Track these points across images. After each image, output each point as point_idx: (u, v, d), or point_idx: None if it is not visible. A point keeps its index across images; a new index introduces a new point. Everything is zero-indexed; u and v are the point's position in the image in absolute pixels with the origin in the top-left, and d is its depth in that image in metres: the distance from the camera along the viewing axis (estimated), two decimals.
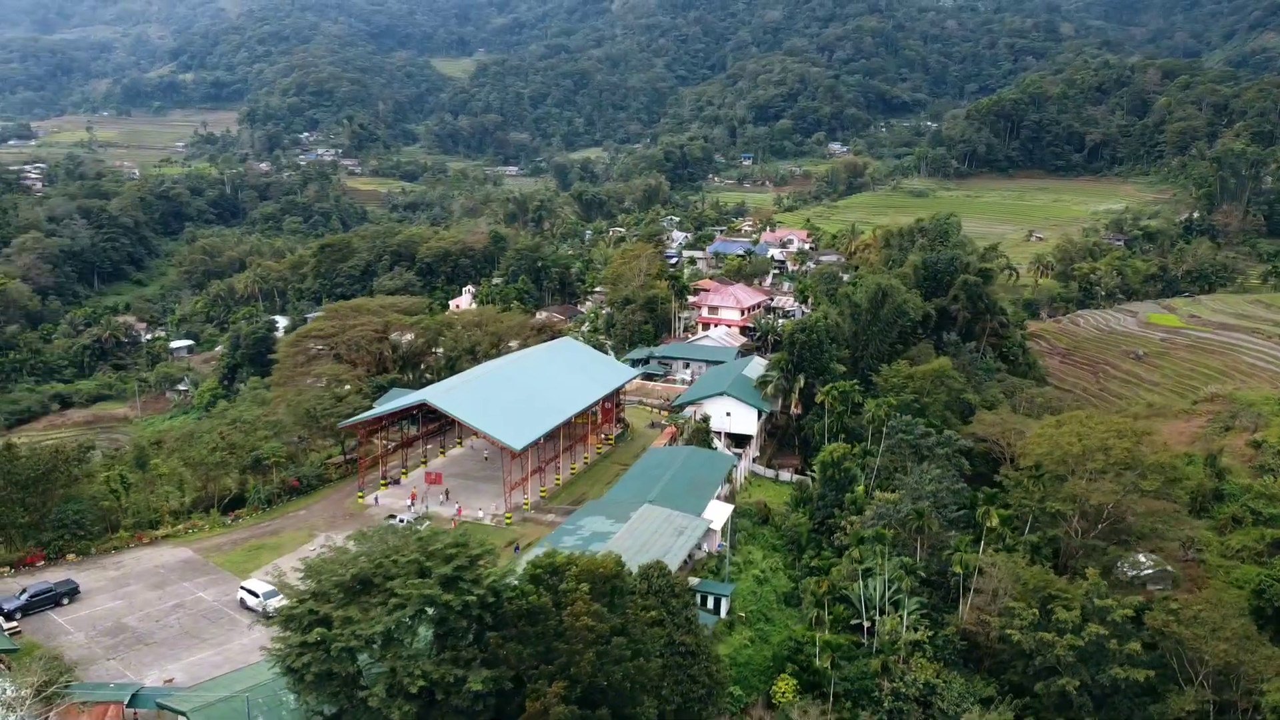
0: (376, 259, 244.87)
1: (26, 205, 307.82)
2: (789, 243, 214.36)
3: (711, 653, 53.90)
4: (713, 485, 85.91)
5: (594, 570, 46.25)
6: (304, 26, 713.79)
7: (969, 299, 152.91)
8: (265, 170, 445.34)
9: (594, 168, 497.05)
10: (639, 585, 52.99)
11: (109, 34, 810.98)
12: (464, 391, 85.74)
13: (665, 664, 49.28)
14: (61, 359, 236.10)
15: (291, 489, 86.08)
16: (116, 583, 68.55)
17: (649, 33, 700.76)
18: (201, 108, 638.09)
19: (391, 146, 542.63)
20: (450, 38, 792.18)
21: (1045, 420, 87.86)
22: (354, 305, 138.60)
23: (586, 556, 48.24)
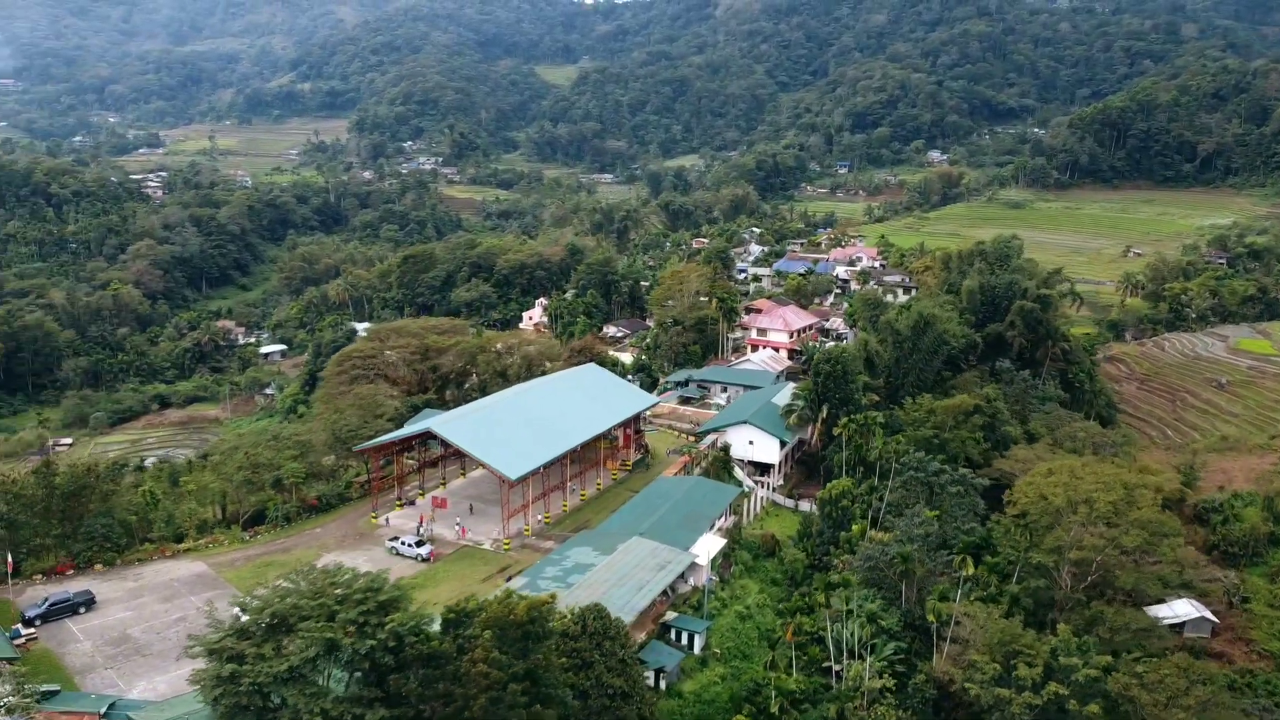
0: (457, 270, 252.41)
1: (144, 213, 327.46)
2: (857, 260, 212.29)
3: (645, 695, 55.64)
4: (709, 518, 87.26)
5: (503, 618, 48.62)
6: (415, 36, 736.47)
7: (1026, 325, 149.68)
8: (368, 178, 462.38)
9: (688, 176, 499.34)
10: (573, 628, 55.20)
11: (236, 45, 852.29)
12: (470, 419, 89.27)
13: (590, 707, 51.29)
14: (165, 361, 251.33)
15: (310, 507, 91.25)
16: (132, 594, 74.36)
17: (751, 39, 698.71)
18: (317, 116, 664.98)
19: (491, 154, 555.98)
20: (555, 45, 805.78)
21: (1037, 467, 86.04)
22: (394, 327, 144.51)
23: (497, 603, 50.60)
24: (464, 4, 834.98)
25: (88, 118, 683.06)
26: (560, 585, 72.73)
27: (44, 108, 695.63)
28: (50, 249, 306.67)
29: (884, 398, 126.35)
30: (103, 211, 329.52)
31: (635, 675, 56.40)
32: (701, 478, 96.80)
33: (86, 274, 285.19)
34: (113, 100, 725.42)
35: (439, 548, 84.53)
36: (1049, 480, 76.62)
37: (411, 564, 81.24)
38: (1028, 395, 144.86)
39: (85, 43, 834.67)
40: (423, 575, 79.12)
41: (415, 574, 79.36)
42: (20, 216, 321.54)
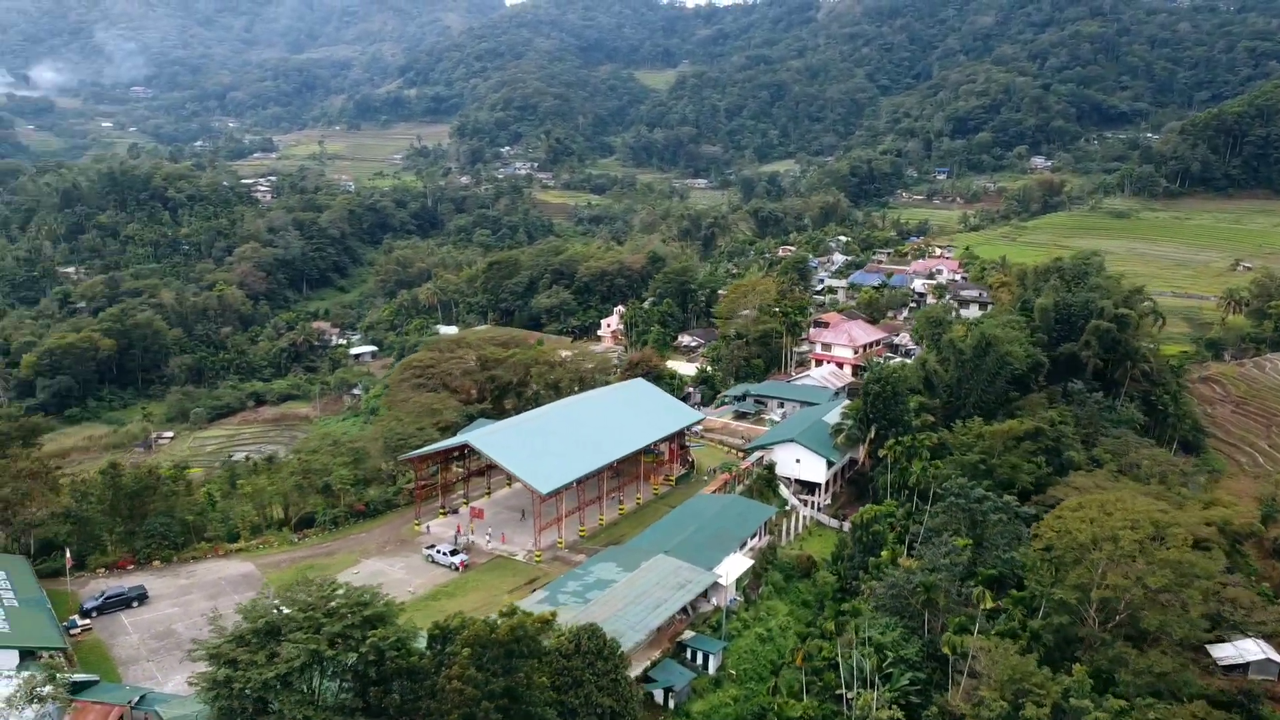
0: (540, 276, 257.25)
1: (251, 217, 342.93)
2: (937, 273, 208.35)
3: (637, 715, 56.90)
4: (738, 538, 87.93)
5: (484, 636, 50.58)
6: (518, 43, 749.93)
7: (1101, 345, 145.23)
8: (465, 183, 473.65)
9: (781, 181, 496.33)
10: (567, 646, 56.91)
11: (349, 53, 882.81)
12: (509, 432, 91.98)
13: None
14: (262, 360, 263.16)
15: (358, 513, 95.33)
16: (182, 590, 79.30)
17: (852, 42, 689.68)
18: (422, 121, 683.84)
19: (586, 159, 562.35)
20: (656, 50, 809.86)
21: (1068, 500, 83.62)
22: (454, 339, 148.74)
23: (480, 621, 52.58)
24: (567, 10, 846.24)
25: (210, 123, 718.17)
26: (578, 601, 74.64)
27: (170, 113, 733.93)
28: (164, 250, 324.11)
29: (943, 418, 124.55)
30: (214, 215, 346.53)
31: (627, 694, 57.77)
32: (737, 496, 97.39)
33: (195, 275, 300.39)
34: (233, 106, 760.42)
35: (474, 557, 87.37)
36: (1076, 515, 74.76)
37: (446, 572, 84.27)
38: (1099, 418, 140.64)
39: (210, 51, 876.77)
40: (454, 584, 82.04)
41: (447, 582, 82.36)
42: (139, 219, 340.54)
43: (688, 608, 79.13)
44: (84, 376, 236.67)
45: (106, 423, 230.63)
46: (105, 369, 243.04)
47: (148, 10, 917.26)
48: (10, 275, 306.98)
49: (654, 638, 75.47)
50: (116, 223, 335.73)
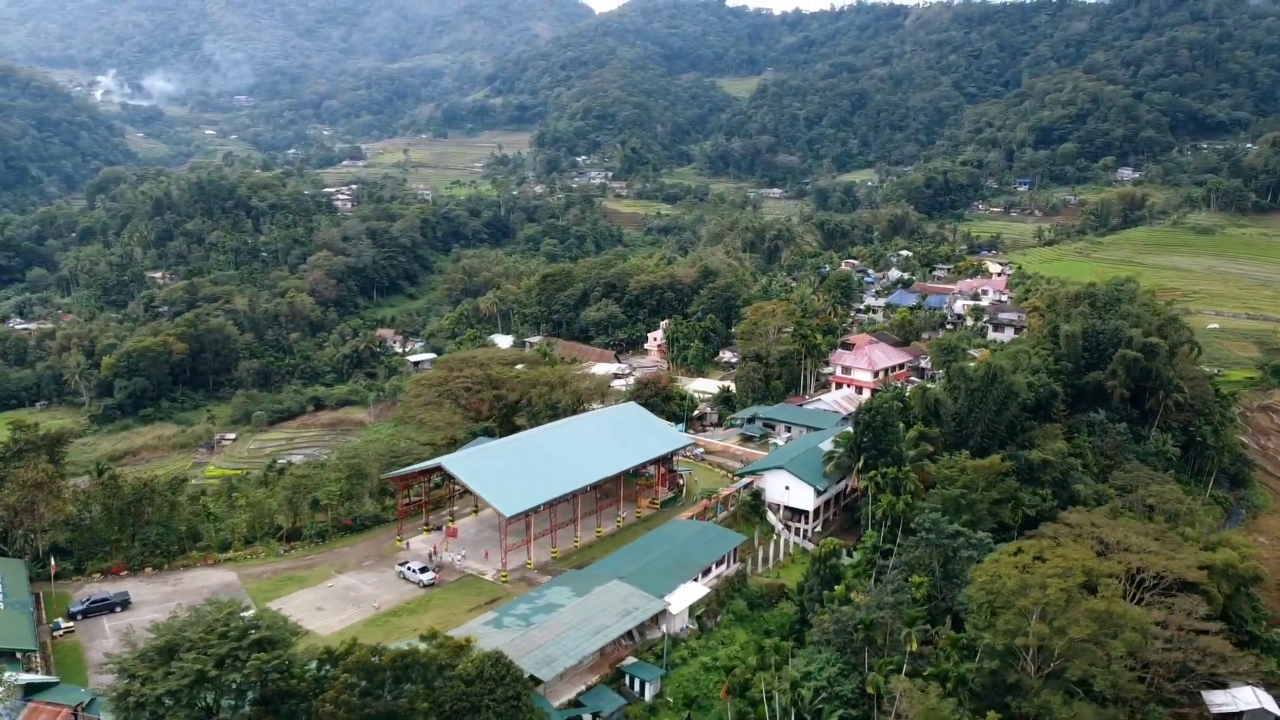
0: (592, 289, 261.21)
1: (326, 226, 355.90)
2: (983, 294, 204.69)
3: None
4: (698, 565, 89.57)
5: (366, 661, 53.66)
6: (602, 52, 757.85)
7: (1128, 374, 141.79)
8: (539, 192, 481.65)
9: (857, 191, 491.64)
10: (471, 672, 59.73)
11: (441, 61, 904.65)
12: (485, 456, 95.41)
13: None
14: (326, 365, 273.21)
15: (345, 527, 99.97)
16: (165, 597, 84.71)
17: (939, 49, 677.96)
18: (506, 129, 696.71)
19: (662, 169, 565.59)
20: (740, 57, 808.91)
21: (1007, 546, 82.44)
22: (463, 357, 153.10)
23: (366, 648, 55.67)
24: (652, 19, 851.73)
25: (305, 130, 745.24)
26: (521, 624, 77.55)
27: (269, 121, 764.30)
28: (244, 257, 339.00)
29: (950, 448, 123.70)
30: (292, 223, 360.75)
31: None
32: (708, 523, 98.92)
33: (269, 281, 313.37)
34: (328, 114, 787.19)
35: (446, 575, 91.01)
36: (1011, 560, 74.25)
37: (414, 589, 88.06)
38: (1125, 450, 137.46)
39: (309, 61, 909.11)
40: (418, 601, 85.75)
41: (413, 599, 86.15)
42: (223, 227, 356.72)
43: (634, 633, 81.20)
44: (158, 378, 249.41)
45: (177, 423, 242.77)
46: (179, 371, 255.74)
47: (253, 22, 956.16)
48: (103, 279, 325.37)
49: (595, 662, 77.89)
50: (202, 230, 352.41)
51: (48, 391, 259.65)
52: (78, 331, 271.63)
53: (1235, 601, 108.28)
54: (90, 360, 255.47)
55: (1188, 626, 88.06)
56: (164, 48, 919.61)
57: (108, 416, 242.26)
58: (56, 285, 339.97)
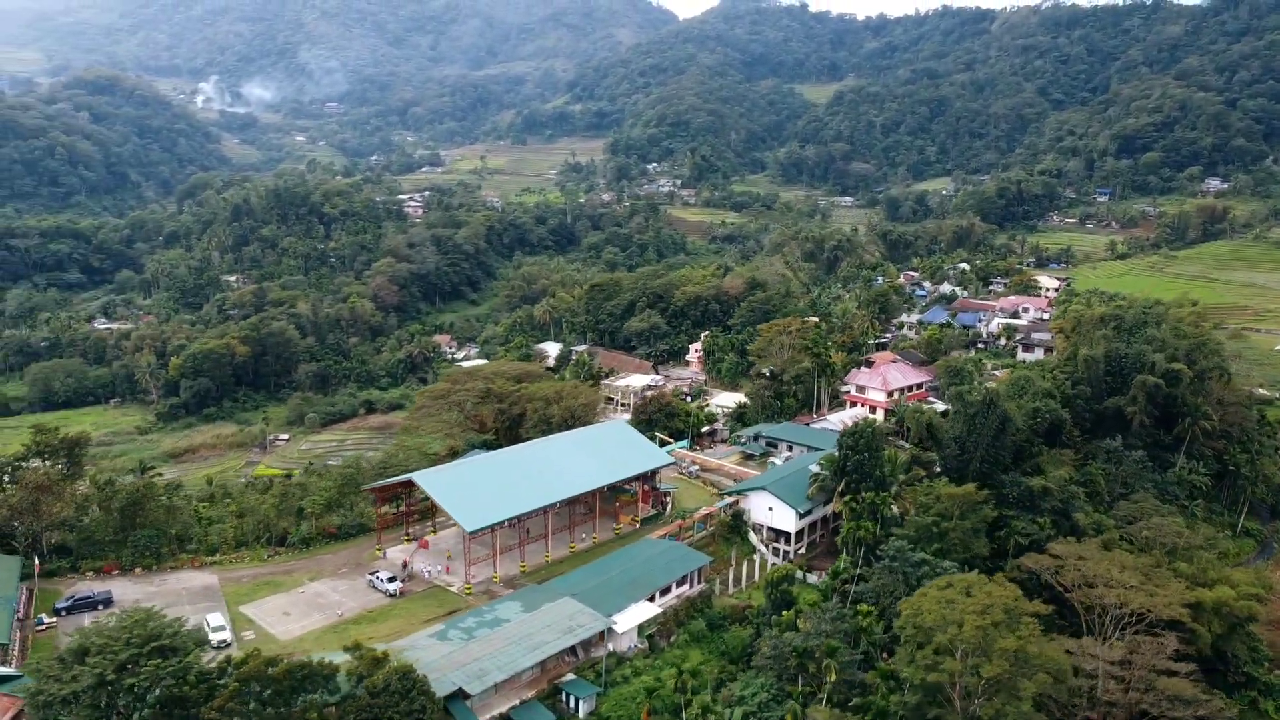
0: (638, 299, 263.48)
1: (392, 233, 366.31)
2: (1023, 312, 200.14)
3: None
4: (655, 585, 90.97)
5: (259, 672, 56.79)
6: (682, 58, 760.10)
7: (1149, 401, 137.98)
8: (606, 200, 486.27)
9: (929, 201, 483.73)
10: (379, 685, 62.57)
11: (524, 68, 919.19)
12: (459, 471, 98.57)
13: None
14: (382, 370, 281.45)
15: (330, 535, 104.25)
16: (147, 597, 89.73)
17: (1025, 54, 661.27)
18: (584, 136, 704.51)
19: (734, 176, 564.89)
20: (822, 63, 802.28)
21: (936, 580, 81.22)
22: (467, 370, 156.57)
23: (263, 658, 58.76)
24: (734, 24, 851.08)
25: (390, 137, 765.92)
26: (464, 637, 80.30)
27: (356, 128, 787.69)
28: (314, 263, 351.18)
29: (948, 472, 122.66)
30: (361, 230, 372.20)
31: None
32: (675, 543, 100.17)
33: (334, 287, 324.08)
34: (413, 121, 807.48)
35: (415, 586, 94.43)
36: (938, 594, 73.76)
37: (381, 598, 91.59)
38: (1141, 478, 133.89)
39: (397, 69, 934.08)
40: (381, 610, 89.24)
41: (376, 608, 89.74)
42: (296, 233, 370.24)
43: (578, 650, 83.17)
44: (222, 379, 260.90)
45: (238, 423, 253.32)
46: (242, 373, 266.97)
47: (346, 31, 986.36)
48: (181, 282, 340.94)
49: (534, 677, 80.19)
50: (276, 235, 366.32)
51: (122, 390, 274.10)
52: (151, 333, 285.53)
53: (1230, 641, 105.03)
54: (160, 361, 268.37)
55: (1152, 667, 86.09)
56: (262, 56, 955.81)
57: (173, 415, 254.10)
58: (140, 287, 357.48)
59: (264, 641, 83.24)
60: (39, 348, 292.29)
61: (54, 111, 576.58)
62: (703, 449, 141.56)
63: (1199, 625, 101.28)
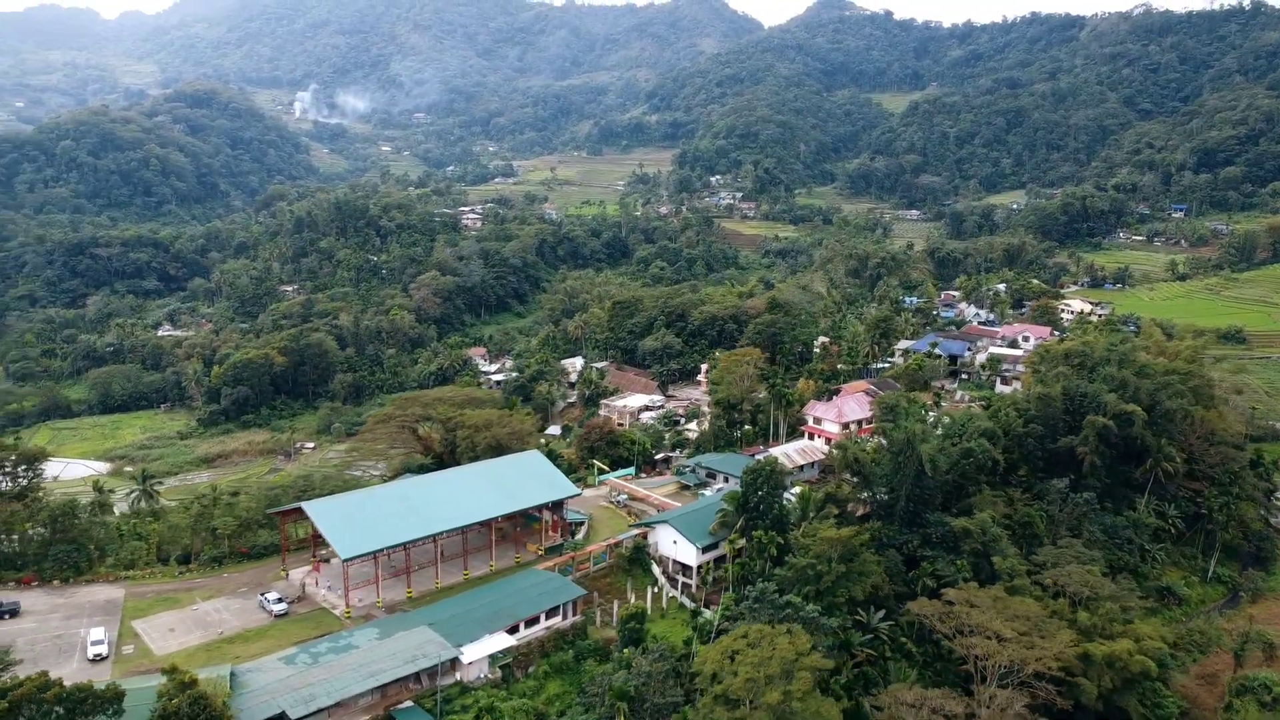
0: (657, 317, 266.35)
1: (440, 246, 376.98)
2: (1024, 341, 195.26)
3: None
4: (518, 616, 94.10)
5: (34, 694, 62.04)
6: (759, 69, 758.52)
7: (1102, 441, 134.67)
8: (664, 213, 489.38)
9: (996, 215, 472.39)
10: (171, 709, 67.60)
11: (607, 79, 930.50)
12: (346, 500, 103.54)
13: None
14: (414, 381, 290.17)
15: (242, 554, 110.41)
16: (51, 609, 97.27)
17: (1112, 62, 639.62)
18: (660, 146, 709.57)
19: (800, 188, 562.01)
20: (904, 72, 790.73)
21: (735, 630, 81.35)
22: (409, 396, 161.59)
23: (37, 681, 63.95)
24: (816, 34, 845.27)
25: (471, 147, 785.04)
26: (310, 662, 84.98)
27: (440, 139, 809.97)
28: (365, 274, 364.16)
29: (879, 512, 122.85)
30: (413, 243, 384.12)
31: None
32: (553, 574, 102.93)
33: (379, 299, 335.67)
34: (495, 131, 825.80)
35: (303, 607, 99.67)
36: (728, 644, 74.82)
37: (265, 618, 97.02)
38: (1087, 520, 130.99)
39: (484, 80, 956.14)
40: (258, 630, 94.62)
41: (255, 627, 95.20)
42: (352, 245, 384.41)
43: (423, 678, 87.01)
44: (261, 387, 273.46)
45: (272, 430, 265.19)
46: (280, 382, 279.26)
47: (437, 43, 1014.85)
48: (241, 291, 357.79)
49: (372, 703, 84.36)
50: (334, 247, 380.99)
51: (172, 395, 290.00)
52: (201, 341, 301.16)
53: (1125, 696, 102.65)
54: (206, 368, 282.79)
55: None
56: (356, 68, 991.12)
57: (213, 421, 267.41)
58: (205, 295, 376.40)
59: (141, 656, 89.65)
60: (105, 353, 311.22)
61: (153, 124, 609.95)
62: (648, 477, 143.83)
63: (1085, 679, 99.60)
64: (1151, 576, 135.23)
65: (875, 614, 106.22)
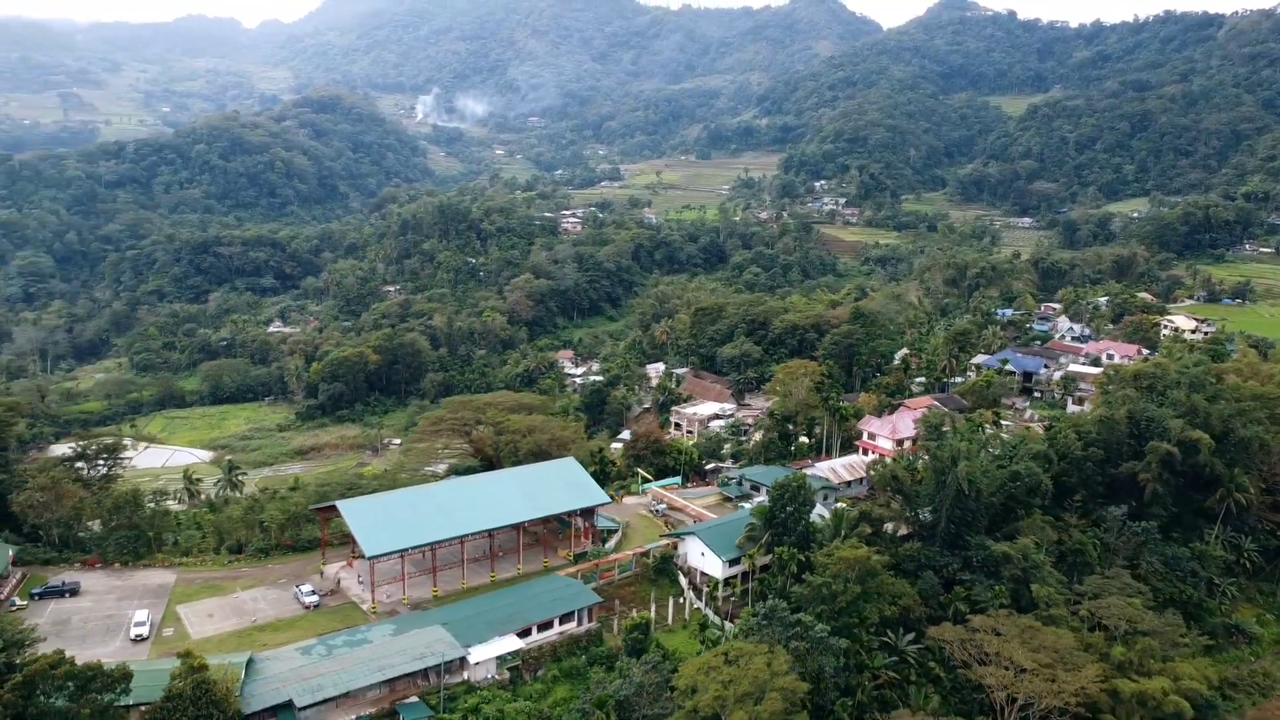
0: (738, 325, 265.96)
1: (536, 249, 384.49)
2: (1108, 358, 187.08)
3: None
4: (530, 620, 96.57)
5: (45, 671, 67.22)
6: (873, 71, 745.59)
7: (1165, 468, 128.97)
8: (764, 219, 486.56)
9: (1113, 224, 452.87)
10: (175, 690, 72.47)
11: (720, 82, 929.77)
12: (382, 500, 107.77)
13: None
14: (501, 381, 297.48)
15: (287, 547, 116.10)
16: (108, 590, 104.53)
17: (1252, 63, 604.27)
18: (769, 150, 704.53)
19: (908, 194, 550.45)
20: (1026, 74, 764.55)
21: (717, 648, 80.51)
22: (462, 400, 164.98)
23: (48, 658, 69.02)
24: (934, 35, 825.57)
25: (582, 150, 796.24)
26: (325, 653, 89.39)
27: (552, 142, 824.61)
28: (463, 276, 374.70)
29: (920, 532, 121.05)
30: (511, 246, 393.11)
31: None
32: (571, 581, 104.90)
33: (474, 301, 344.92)
34: (606, 135, 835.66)
35: (334, 600, 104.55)
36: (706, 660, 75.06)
37: (297, 609, 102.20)
38: (1146, 550, 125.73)
39: (599, 84, 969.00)
40: (289, 620, 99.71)
41: (288, 617, 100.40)
42: (453, 247, 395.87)
43: (431, 675, 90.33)
44: (355, 384, 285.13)
45: (364, 425, 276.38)
46: (374, 379, 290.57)
47: (554, 48, 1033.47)
48: (347, 291, 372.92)
49: (380, 696, 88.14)
50: (435, 249, 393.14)
51: (275, 389, 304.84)
52: (305, 338, 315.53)
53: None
54: (307, 364, 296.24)
55: None
56: (475, 73, 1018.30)
57: (310, 415, 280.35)
58: (315, 294, 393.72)
59: (179, 638, 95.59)
60: (218, 347, 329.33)
61: (280, 129, 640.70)
62: (695, 487, 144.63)
63: (1113, 717, 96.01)
64: (1219, 613, 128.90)
65: (904, 636, 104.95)
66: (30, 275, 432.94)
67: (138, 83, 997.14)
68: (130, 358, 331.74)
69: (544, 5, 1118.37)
